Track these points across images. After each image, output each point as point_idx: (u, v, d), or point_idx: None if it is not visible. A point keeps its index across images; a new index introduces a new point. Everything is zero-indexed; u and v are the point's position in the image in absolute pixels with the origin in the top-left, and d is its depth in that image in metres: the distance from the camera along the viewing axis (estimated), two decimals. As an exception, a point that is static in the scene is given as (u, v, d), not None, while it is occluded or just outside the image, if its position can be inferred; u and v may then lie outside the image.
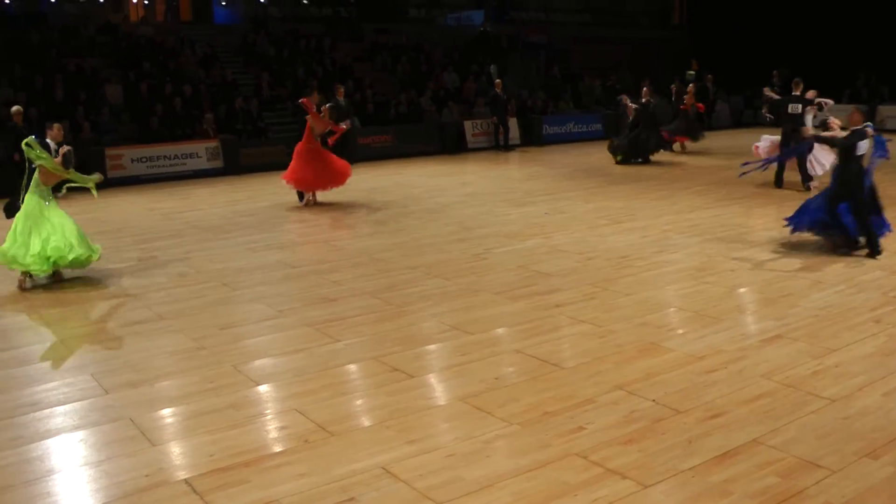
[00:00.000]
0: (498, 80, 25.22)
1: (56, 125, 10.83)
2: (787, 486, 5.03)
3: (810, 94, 15.81)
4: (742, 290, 9.42)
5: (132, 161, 20.31)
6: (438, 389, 6.76)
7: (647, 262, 10.49)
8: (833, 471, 5.21)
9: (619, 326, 8.05)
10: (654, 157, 20.95)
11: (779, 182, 15.94)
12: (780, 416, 6.02)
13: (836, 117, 11.79)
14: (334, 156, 15.74)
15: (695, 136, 22.85)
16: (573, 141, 26.64)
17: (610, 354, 7.30)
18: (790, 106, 15.52)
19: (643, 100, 20.84)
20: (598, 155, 22.09)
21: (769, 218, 13.32)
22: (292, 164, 15.41)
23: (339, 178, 15.56)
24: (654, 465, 5.31)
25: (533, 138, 26.00)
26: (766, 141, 16.32)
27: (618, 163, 20.67)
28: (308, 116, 15.42)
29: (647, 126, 20.60)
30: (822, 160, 15.15)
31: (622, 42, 33.24)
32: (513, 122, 25.34)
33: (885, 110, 27.73)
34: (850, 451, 5.49)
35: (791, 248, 11.07)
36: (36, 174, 10.05)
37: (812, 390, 6.47)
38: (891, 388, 6.53)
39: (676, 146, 23.05)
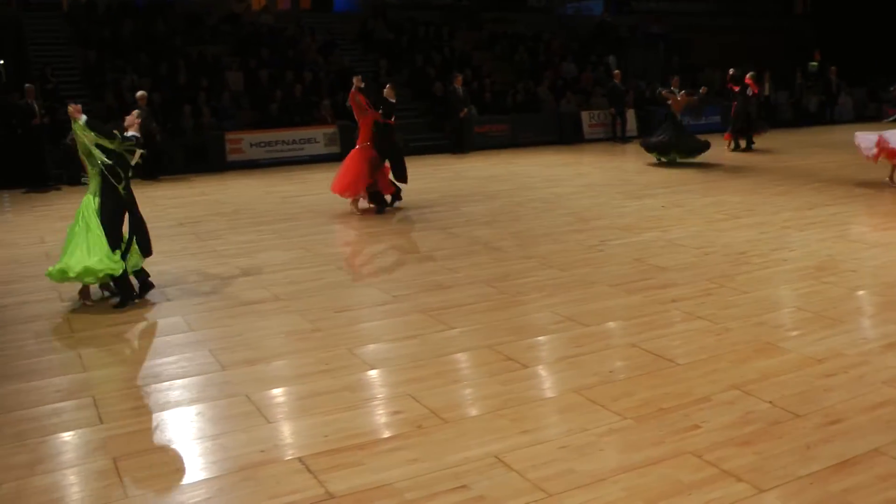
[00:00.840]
0: (617, 71, 24.97)
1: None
2: (911, 499, 4.81)
3: None
4: (863, 291, 9.09)
5: (251, 145, 20.79)
6: (551, 380, 6.70)
7: (764, 259, 10.22)
8: (961, 484, 4.97)
9: (736, 324, 7.85)
10: (769, 153, 20.37)
11: None
12: (903, 425, 5.78)
13: None
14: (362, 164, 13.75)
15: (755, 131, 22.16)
16: (692, 133, 26.08)
17: (726, 353, 7.11)
18: None
19: (673, 90, 19.96)
20: (718, 147, 21.61)
21: (893, 217, 12.85)
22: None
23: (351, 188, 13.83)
24: (770, 469, 5.13)
25: (651, 130, 25.60)
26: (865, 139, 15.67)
27: (663, 163, 19.65)
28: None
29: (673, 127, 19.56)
30: None
31: (744, 32, 32.45)
32: (630, 114, 25.05)
33: None
34: (982, 468, 5.23)
35: (920, 249, 10.67)
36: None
37: (940, 400, 6.21)
38: None
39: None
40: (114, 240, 8.51)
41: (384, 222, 12.95)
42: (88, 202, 8.60)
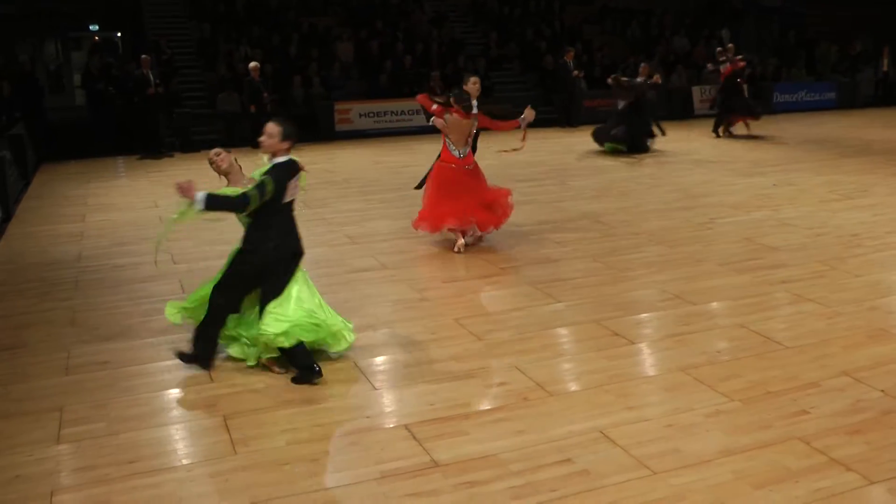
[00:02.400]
0: (730, 45, 24.38)
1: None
2: None
3: None
4: None
5: (360, 115, 21.00)
6: (658, 358, 6.66)
7: (878, 241, 9.92)
8: None
9: (848, 309, 7.64)
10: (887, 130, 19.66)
11: None
12: None
13: None
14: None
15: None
16: (805, 110, 25.49)
17: (837, 337, 6.94)
18: None
19: (640, 79, 17.60)
20: (832, 125, 21.09)
21: None
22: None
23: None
24: (881, 460, 4.99)
25: (764, 106, 24.98)
26: None
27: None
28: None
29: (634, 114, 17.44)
30: None
31: (862, 5, 31.36)
32: (743, 89, 24.45)
33: None
34: None
35: None
36: None
37: None
38: None
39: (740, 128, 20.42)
40: None
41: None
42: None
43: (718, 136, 19.88)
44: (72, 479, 4.88)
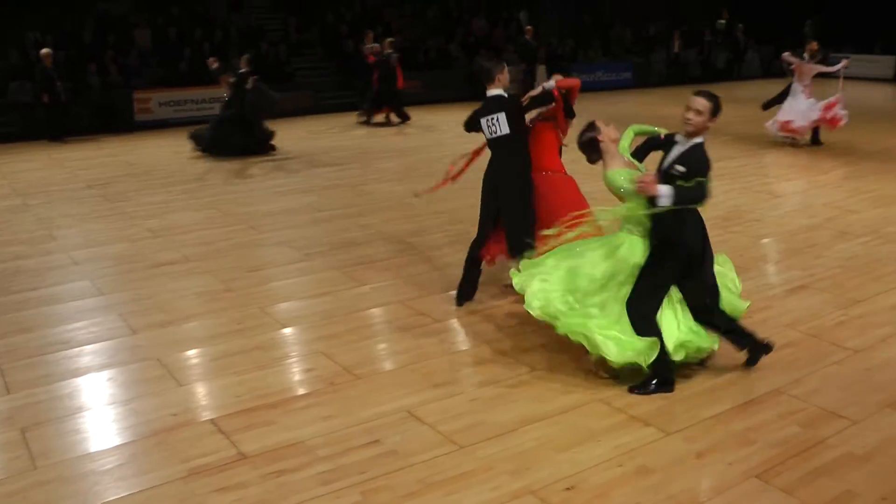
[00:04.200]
0: (529, 27, 24.92)
1: None
2: (808, 435, 5.04)
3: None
4: (767, 240, 9.36)
5: (160, 105, 20.38)
6: (463, 334, 6.78)
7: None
8: (854, 421, 5.22)
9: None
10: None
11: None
12: (803, 366, 6.02)
13: None
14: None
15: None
16: (602, 90, 26.37)
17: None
18: None
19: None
20: (628, 103, 21.92)
21: (794, 169, 13.21)
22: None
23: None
24: (677, 412, 5.33)
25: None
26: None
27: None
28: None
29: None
30: None
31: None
32: (541, 70, 25.04)
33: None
34: (871, 401, 5.49)
35: (814, 199, 11.00)
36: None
37: (835, 341, 6.47)
38: (916, 340, 6.51)
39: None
40: None
41: (296, 181, 12.84)
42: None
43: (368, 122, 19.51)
44: None
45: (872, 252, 8.77)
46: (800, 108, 14.87)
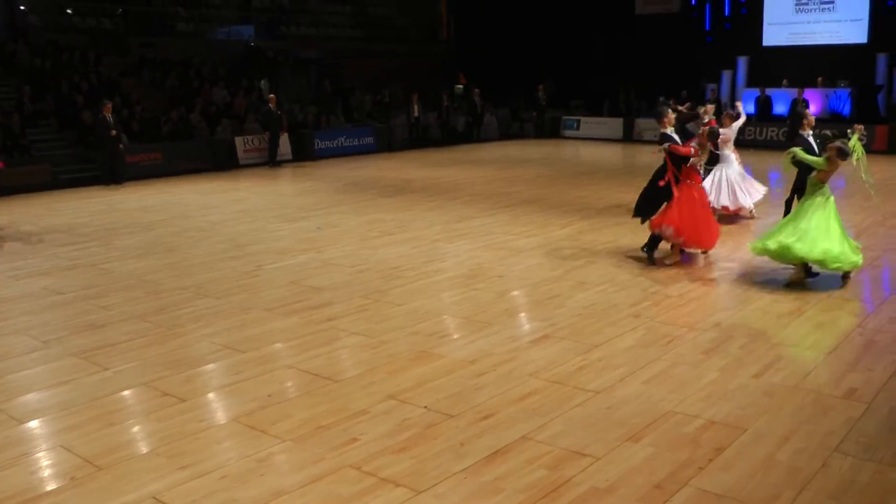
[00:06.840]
0: (272, 96, 24.94)
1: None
2: (555, 476, 5.24)
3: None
4: (510, 294, 9.70)
5: None
6: (211, 411, 6.61)
7: (417, 272, 10.63)
8: (597, 457, 5.48)
9: (390, 336, 8.12)
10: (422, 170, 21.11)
11: None
12: (547, 411, 6.25)
13: None
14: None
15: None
16: (345, 155, 26.69)
17: (382, 365, 7.34)
18: None
19: None
20: (370, 168, 22.26)
21: (534, 225, 13.78)
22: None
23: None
24: (426, 470, 5.38)
25: (305, 153, 25.79)
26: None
27: None
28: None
29: None
30: None
31: (393, 56, 33.61)
32: (284, 138, 25.08)
33: (642, 123, 29.26)
34: (612, 437, 5.79)
35: (554, 254, 11.52)
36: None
37: (577, 384, 6.77)
38: (649, 376, 6.94)
39: None
40: None
41: (33, 262, 12.15)
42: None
43: None
44: None
45: (609, 298, 9.26)
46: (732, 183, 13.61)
